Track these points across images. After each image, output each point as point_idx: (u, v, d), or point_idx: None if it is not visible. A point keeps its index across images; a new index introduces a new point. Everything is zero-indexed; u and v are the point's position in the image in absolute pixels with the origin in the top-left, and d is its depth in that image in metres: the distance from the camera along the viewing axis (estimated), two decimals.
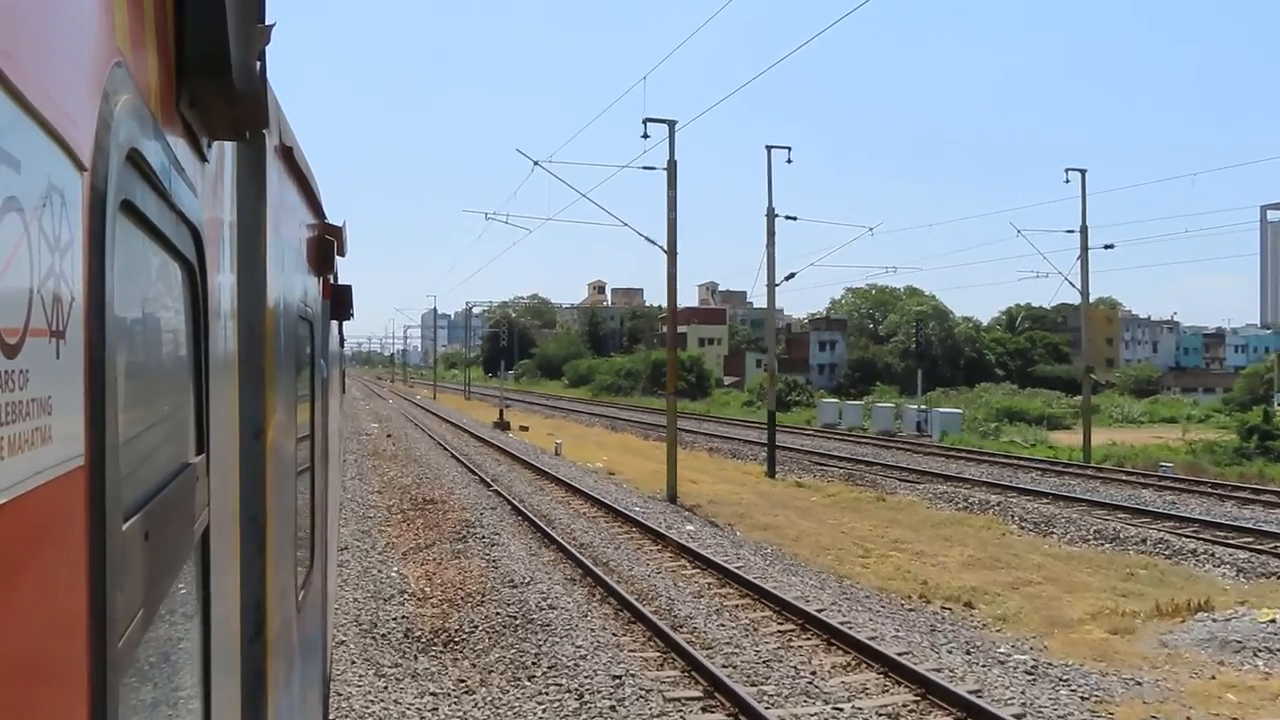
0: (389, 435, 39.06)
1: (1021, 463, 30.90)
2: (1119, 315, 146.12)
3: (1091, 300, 40.56)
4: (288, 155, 2.87)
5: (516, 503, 20.20)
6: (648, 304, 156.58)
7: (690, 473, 28.95)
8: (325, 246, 4.15)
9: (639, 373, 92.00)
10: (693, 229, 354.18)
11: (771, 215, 28.80)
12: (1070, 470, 29.13)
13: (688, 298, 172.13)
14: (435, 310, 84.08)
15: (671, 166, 22.59)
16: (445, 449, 33.04)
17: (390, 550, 16.07)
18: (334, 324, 5.56)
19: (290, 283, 2.95)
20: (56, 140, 0.89)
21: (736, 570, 13.84)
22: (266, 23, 1.69)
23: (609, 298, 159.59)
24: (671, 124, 22.56)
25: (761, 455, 33.64)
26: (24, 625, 0.82)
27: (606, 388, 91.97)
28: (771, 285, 28.92)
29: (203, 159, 1.70)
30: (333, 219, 4.58)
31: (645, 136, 22.45)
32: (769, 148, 28.98)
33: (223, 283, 1.90)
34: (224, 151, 1.98)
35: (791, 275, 29.62)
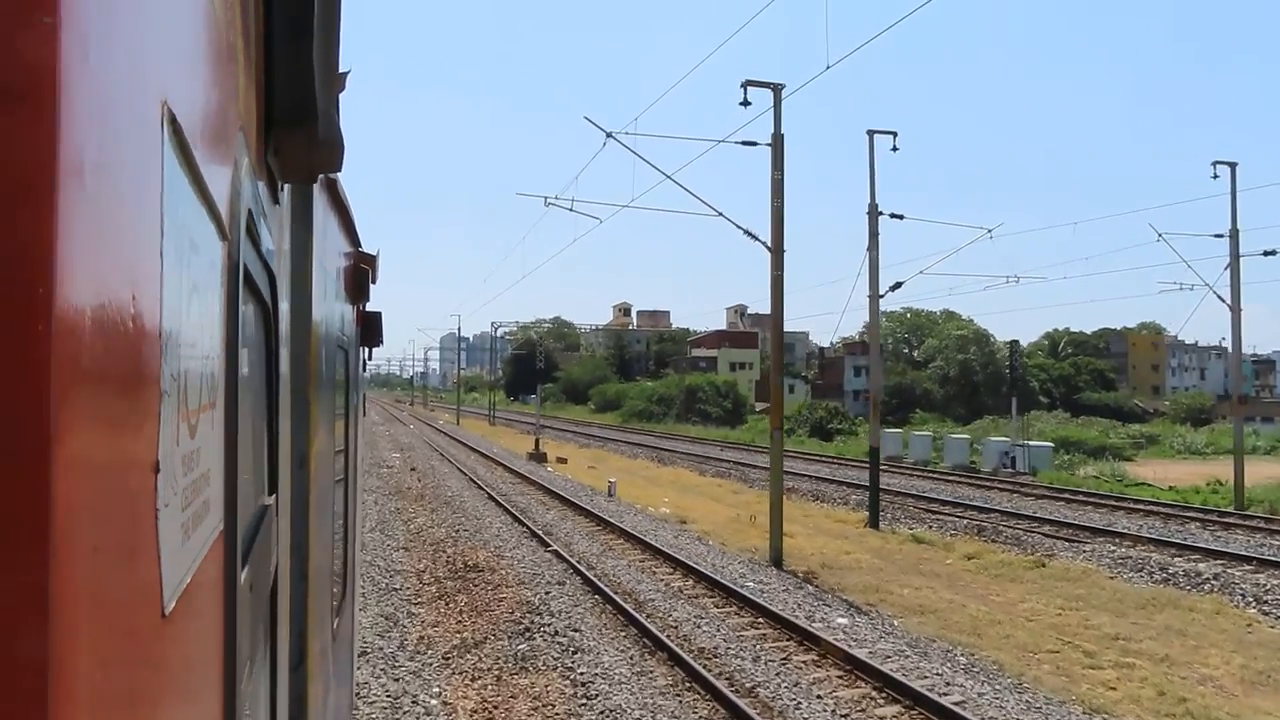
0: (413, 469, 34.36)
1: (1172, 511, 25.76)
2: (1164, 340, 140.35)
3: (1135, 323, 35.50)
4: (331, 187, 2.90)
5: (586, 571, 15.42)
6: (674, 326, 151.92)
7: None
8: (360, 275, 4.24)
9: (672, 398, 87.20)
10: (714, 251, 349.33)
11: (875, 212, 24.09)
12: (1236, 520, 24.02)
13: (716, 320, 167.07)
14: (459, 331, 79.56)
15: (777, 141, 17.96)
16: (480, 487, 28.31)
17: (426, 654, 11.29)
18: (362, 350, 5.41)
19: (331, 312, 2.98)
20: (213, 216, 0.92)
21: (959, 712, 8.99)
22: (341, 69, 1.74)
23: (634, 320, 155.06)
24: (777, 89, 17.94)
25: (850, 498, 28.74)
26: (184, 688, 0.85)
27: (637, 413, 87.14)
28: (875, 295, 24.14)
29: (276, 202, 1.75)
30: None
31: (745, 104, 17.83)
32: (871, 132, 24.34)
33: (283, 316, 1.88)
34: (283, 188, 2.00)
35: (898, 285, 24.91)
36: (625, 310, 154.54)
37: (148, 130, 0.74)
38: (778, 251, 17.96)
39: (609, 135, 17.86)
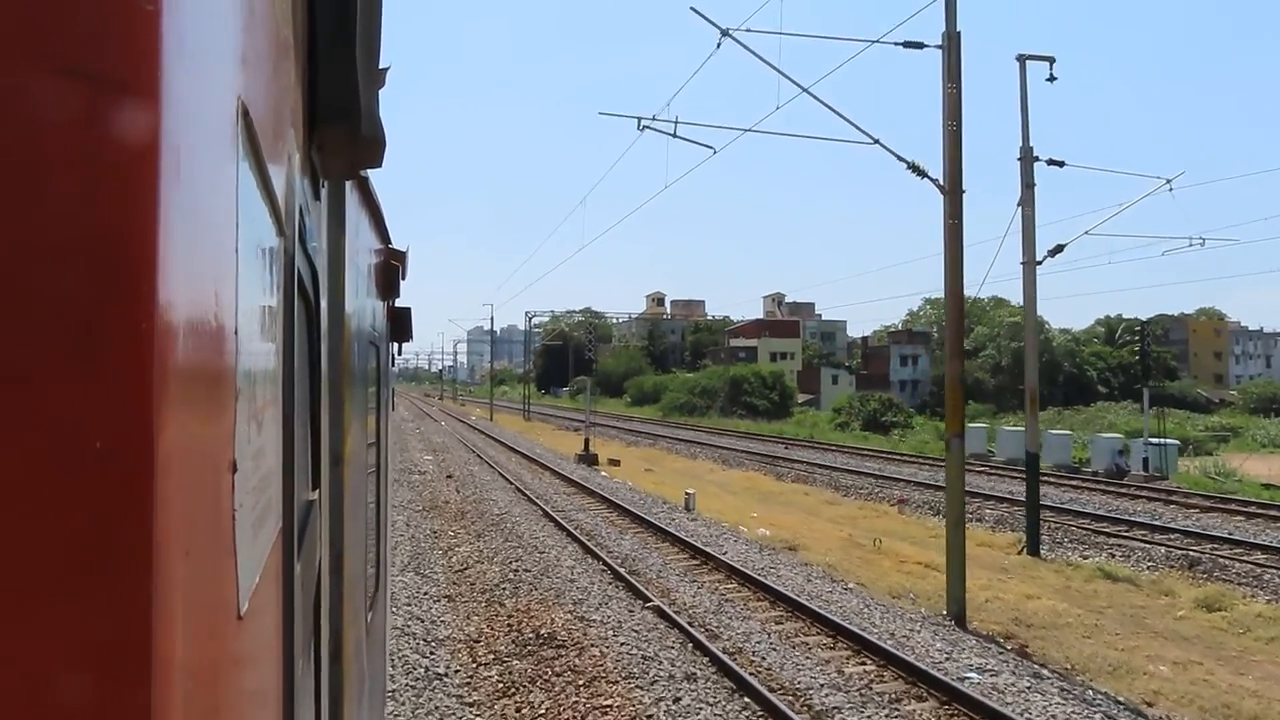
0: (449, 476, 29.73)
1: None
2: (1227, 327, 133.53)
3: (1192, 311, 29.92)
4: (362, 185, 2.91)
5: (715, 648, 10.63)
6: (709, 316, 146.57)
7: (902, 544, 19.24)
8: (390, 272, 4.26)
9: (715, 390, 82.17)
10: (752, 231, 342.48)
11: (1029, 157, 19.10)
12: None
13: (753, 309, 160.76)
14: (492, 322, 75.03)
15: (951, 42, 13.05)
16: (530, 500, 23.61)
17: None
18: (392, 345, 5.46)
19: (363, 308, 3.02)
20: (275, 214, 0.93)
21: None
22: (381, 65, 1.71)
23: (668, 310, 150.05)
24: None
25: (979, 511, 23.75)
26: (255, 686, 0.87)
27: (678, 407, 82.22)
28: (1031, 261, 19.16)
29: (318, 199, 1.79)
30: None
31: None
32: (1023, 58, 19.36)
33: (322, 313, 1.92)
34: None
35: (1059, 249, 19.84)
36: (659, 300, 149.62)
37: (226, 126, 0.74)
38: (954, 192, 13.05)
39: (724, 33, 13.00)
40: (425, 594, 13.68)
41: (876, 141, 13.24)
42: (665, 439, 51.42)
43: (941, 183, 13.08)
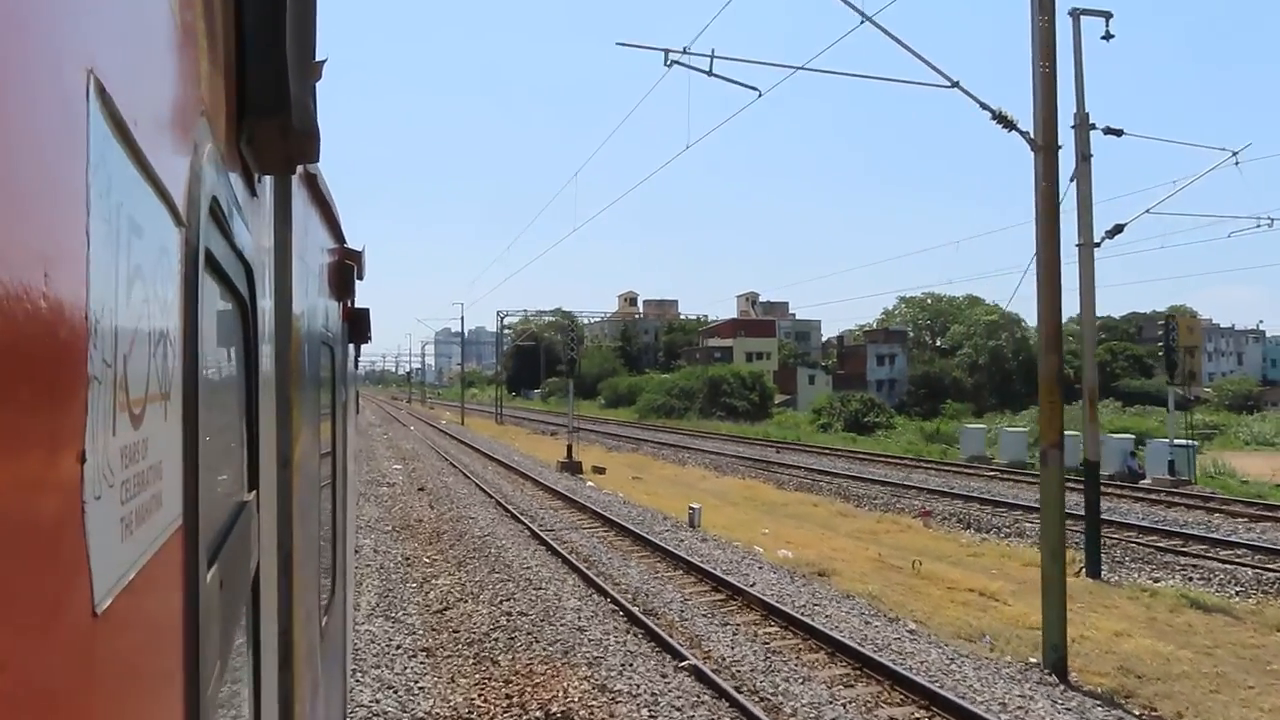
0: (421, 488, 26.96)
1: None
2: (1199, 325, 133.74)
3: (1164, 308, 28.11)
4: (311, 183, 2.85)
5: None
6: (683, 315, 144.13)
7: (940, 565, 16.88)
8: (345, 271, 4.19)
9: (694, 391, 79.72)
10: (725, 229, 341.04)
11: (1085, 124, 16.80)
12: None
13: (726, 309, 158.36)
14: (463, 321, 71.71)
15: None
16: (515, 517, 20.96)
17: None
18: (350, 347, 5.42)
19: (314, 308, 2.95)
20: (164, 199, 0.90)
21: None
22: (317, 58, 1.69)
23: (640, 309, 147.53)
24: None
25: (1009, 523, 21.48)
26: (133, 689, 0.83)
27: (656, 409, 79.67)
28: (1088, 243, 16.84)
29: (253, 194, 1.70)
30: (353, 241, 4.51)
31: None
32: (1076, 12, 17.08)
33: (263, 312, 1.83)
34: (264, 182, 1.93)
35: (1118, 229, 17.56)
36: (631, 299, 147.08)
37: (69, 100, 0.70)
38: (1049, 149, 10.65)
39: None
40: (398, 647, 11.03)
41: (956, 84, 10.79)
42: (648, 443, 48.96)
43: (1033, 136, 10.67)
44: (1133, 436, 37.17)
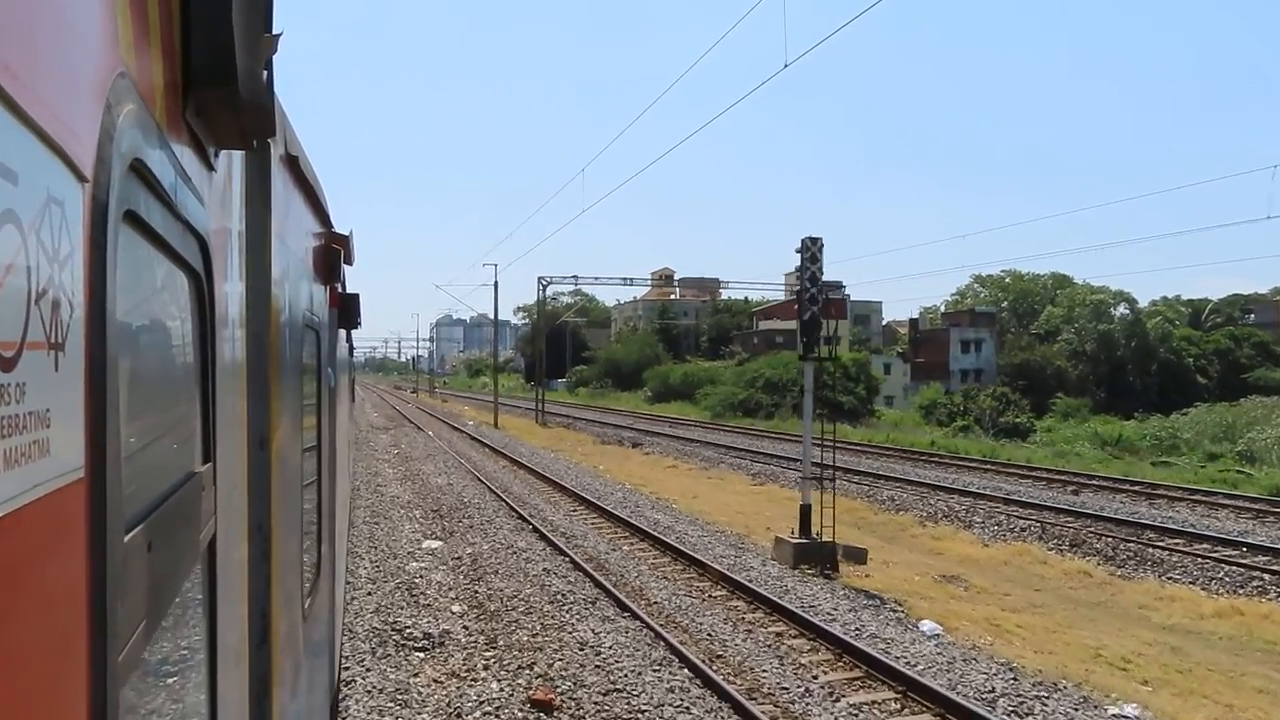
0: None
1: None
2: None
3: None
4: (293, 164, 2.87)
5: None
6: (726, 297, 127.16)
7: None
8: (332, 255, 4.25)
9: (781, 383, 62.65)
10: (767, 201, 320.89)
11: None
12: None
13: (773, 290, 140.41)
14: (496, 288, 54.68)
15: None
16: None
17: None
18: (342, 332, 5.47)
19: (296, 291, 2.96)
20: (56, 152, 0.90)
21: None
22: (274, 32, 1.68)
23: (677, 290, 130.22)
24: None
25: None
26: (22, 639, 0.83)
27: (734, 405, 62.66)
28: None
29: (210, 168, 1.71)
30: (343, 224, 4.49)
31: None
32: None
33: (230, 292, 1.89)
34: (232, 161, 1.98)
35: None
36: (667, 277, 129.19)
37: None
38: None
39: None
40: None
41: None
42: (779, 460, 31.37)
43: None
44: None
